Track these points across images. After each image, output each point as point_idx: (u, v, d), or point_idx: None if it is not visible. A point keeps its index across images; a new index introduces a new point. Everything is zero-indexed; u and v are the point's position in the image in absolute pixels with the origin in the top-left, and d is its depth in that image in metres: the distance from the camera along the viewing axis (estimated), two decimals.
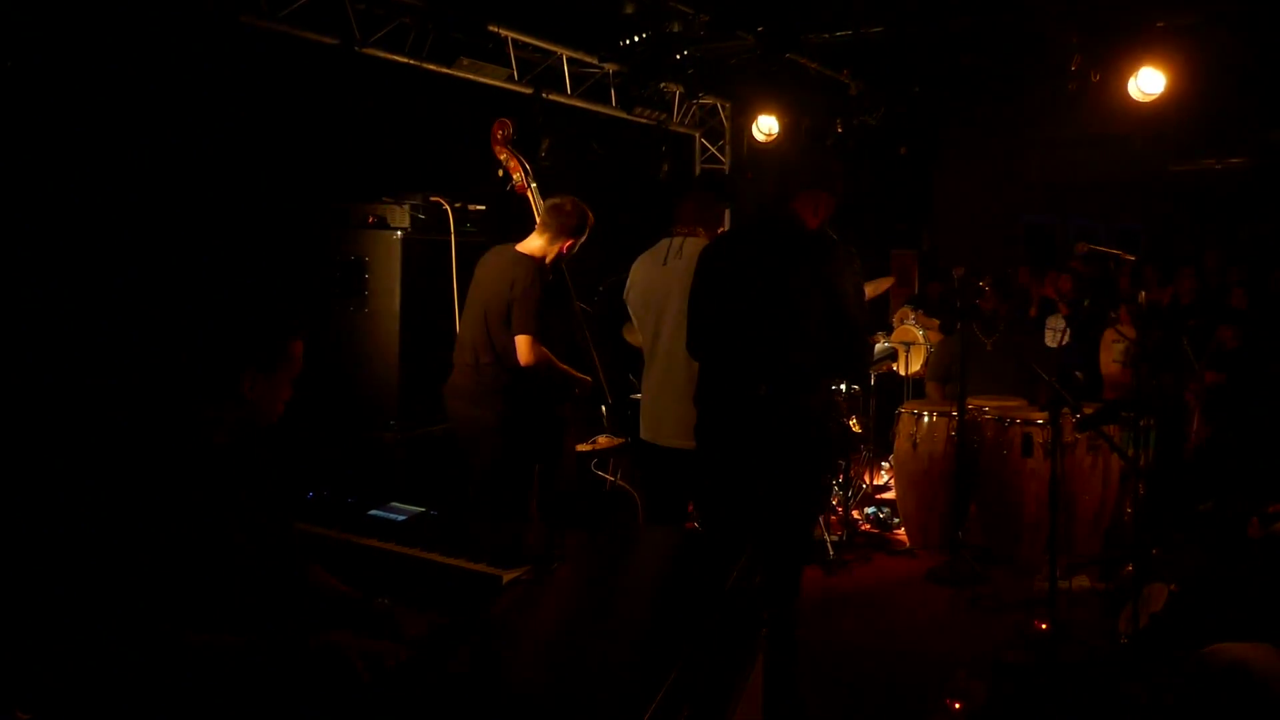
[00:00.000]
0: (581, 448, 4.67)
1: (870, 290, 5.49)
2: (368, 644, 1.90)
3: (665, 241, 4.11)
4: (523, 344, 4.01)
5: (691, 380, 3.62)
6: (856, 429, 6.39)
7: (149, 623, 1.78)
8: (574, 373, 4.30)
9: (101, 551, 1.82)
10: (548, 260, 4.18)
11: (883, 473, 6.98)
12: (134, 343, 3.41)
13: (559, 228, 4.18)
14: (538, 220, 4.30)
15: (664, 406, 3.99)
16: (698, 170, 8.07)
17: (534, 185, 4.50)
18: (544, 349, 4.07)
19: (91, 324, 3.55)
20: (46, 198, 3.58)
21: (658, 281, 4.03)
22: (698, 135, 8.03)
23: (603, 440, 4.73)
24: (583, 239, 4.25)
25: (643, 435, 4.12)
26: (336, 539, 2.58)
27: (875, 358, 6.68)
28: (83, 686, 1.74)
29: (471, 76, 5.51)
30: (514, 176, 4.52)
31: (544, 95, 5.97)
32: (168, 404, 2.04)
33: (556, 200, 4.23)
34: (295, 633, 1.92)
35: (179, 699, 1.75)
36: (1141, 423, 4.71)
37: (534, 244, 4.20)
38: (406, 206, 4.67)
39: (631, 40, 5.94)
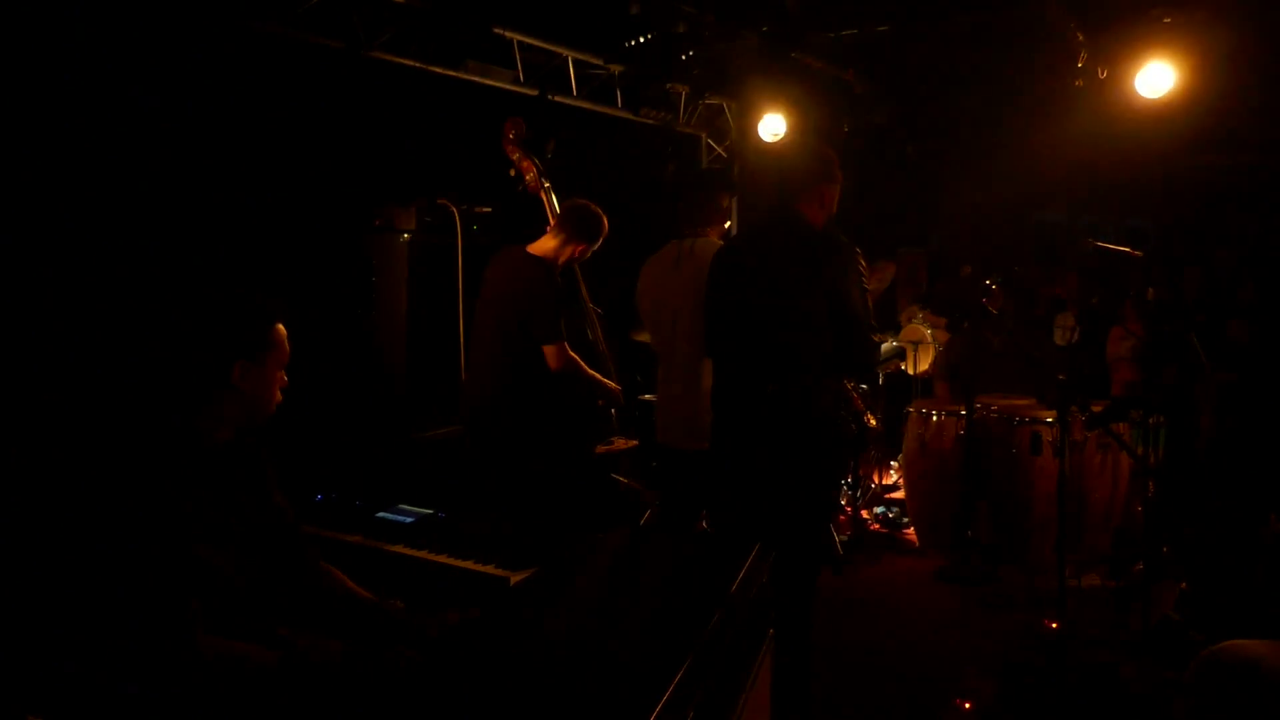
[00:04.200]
0: (599, 449, 4.66)
1: (874, 283, 5.46)
2: (368, 652, 1.91)
3: (674, 244, 4.08)
4: (551, 353, 3.96)
5: (707, 382, 3.62)
6: (873, 423, 6.36)
7: (156, 626, 1.79)
8: (602, 379, 4.26)
9: (105, 554, 1.83)
10: (560, 262, 4.11)
11: (891, 472, 6.96)
12: (128, 342, 3.40)
13: (575, 231, 4.10)
14: (553, 220, 4.25)
15: (683, 409, 3.96)
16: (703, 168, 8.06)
17: (547, 185, 4.43)
18: (573, 355, 4.02)
19: (87, 325, 3.55)
20: (45, 199, 3.58)
21: (671, 285, 4.00)
22: (704, 135, 8.02)
23: (619, 442, 4.72)
24: (596, 246, 4.18)
25: (660, 439, 4.08)
26: (345, 541, 2.58)
27: (883, 357, 6.67)
28: (89, 691, 1.74)
29: (477, 79, 5.52)
30: (526, 177, 4.44)
31: (550, 97, 5.97)
32: (164, 403, 2.05)
33: (575, 203, 4.15)
34: (306, 634, 1.93)
35: (188, 704, 1.75)
36: (1151, 420, 4.69)
37: (547, 245, 4.11)
38: (413, 209, 4.67)
39: (637, 41, 5.94)
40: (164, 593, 1.82)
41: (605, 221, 4.16)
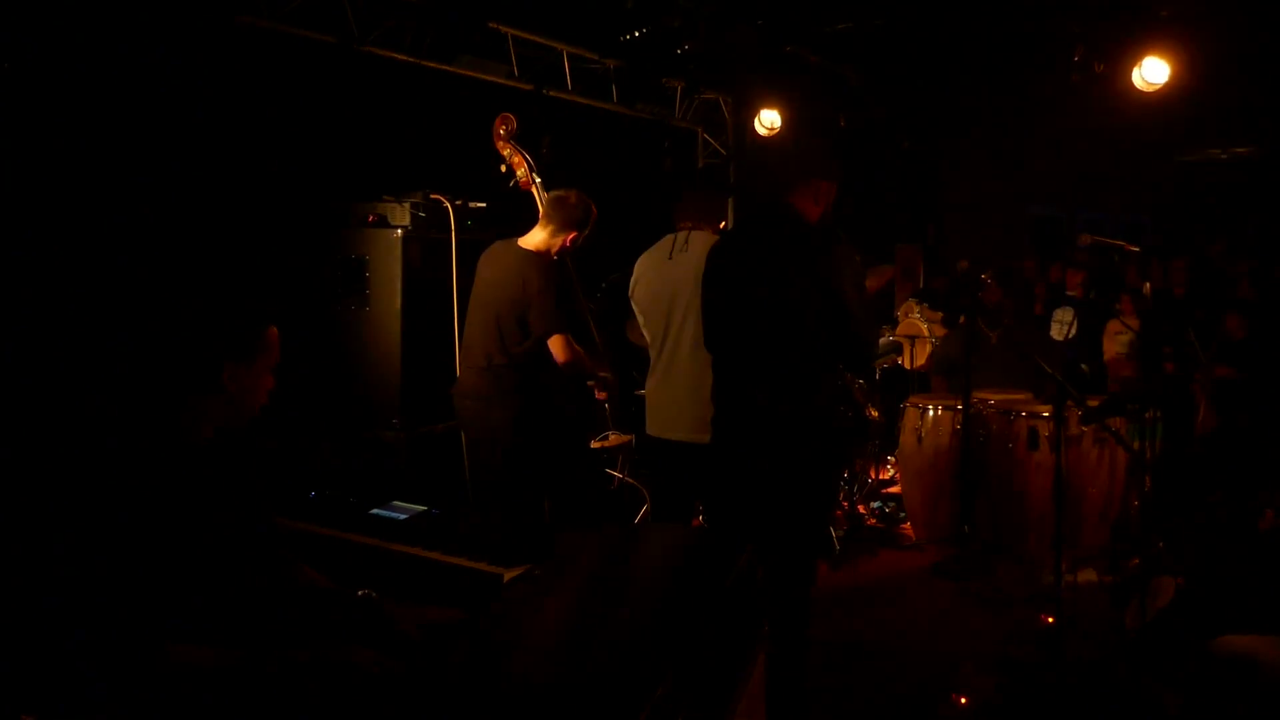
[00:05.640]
0: (594, 445, 4.65)
1: (873, 283, 5.46)
2: (359, 653, 1.89)
3: (669, 237, 4.08)
4: (557, 344, 3.96)
5: (700, 374, 3.61)
6: (874, 415, 6.34)
7: (129, 631, 1.76)
8: (600, 371, 4.25)
9: (83, 555, 1.80)
10: (553, 254, 4.12)
11: (888, 467, 6.96)
12: (116, 341, 3.38)
13: (562, 220, 4.11)
14: (540, 214, 4.25)
15: (673, 401, 3.96)
16: (700, 165, 8.05)
17: (539, 180, 4.42)
18: (576, 345, 4.03)
19: (73, 323, 3.52)
20: (32, 196, 3.55)
21: (665, 276, 4.00)
22: (700, 130, 8.01)
23: (614, 437, 4.71)
24: (586, 232, 4.19)
25: (650, 431, 4.09)
26: (338, 538, 2.57)
27: (879, 352, 6.66)
28: (71, 692, 1.72)
29: (472, 74, 5.50)
30: (517, 172, 4.44)
31: (545, 92, 5.95)
32: (149, 403, 2.03)
33: (560, 193, 4.16)
34: (282, 638, 1.90)
35: (161, 712, 1.73)
36: (1148, 414, 4.68)
37: (537, 238, 4.12)
38: (407, 204, 4.66)
39: (632, 35, 5.93)
40: (136, 593, 1.80)
41: (592, 206, 4.17)
